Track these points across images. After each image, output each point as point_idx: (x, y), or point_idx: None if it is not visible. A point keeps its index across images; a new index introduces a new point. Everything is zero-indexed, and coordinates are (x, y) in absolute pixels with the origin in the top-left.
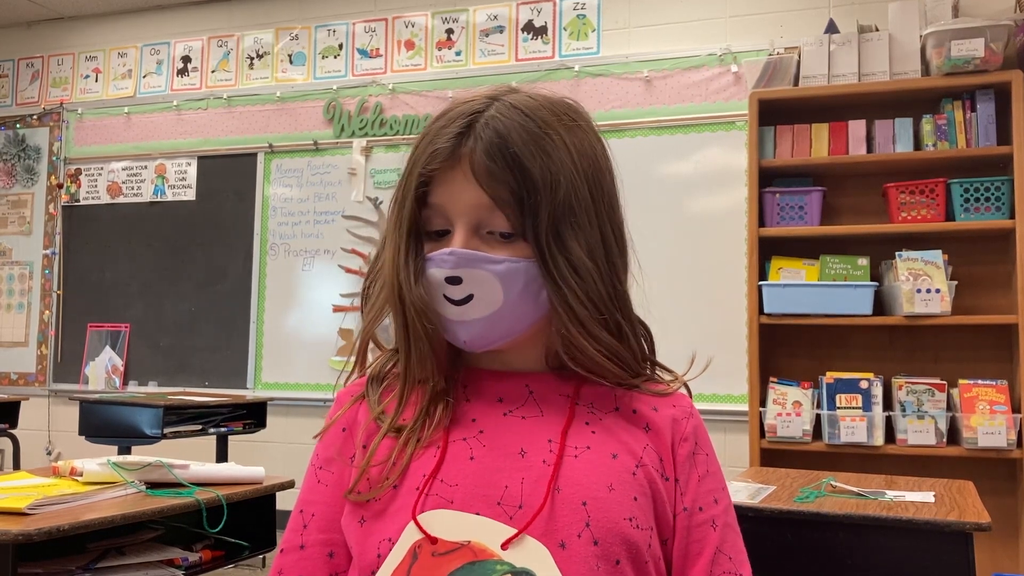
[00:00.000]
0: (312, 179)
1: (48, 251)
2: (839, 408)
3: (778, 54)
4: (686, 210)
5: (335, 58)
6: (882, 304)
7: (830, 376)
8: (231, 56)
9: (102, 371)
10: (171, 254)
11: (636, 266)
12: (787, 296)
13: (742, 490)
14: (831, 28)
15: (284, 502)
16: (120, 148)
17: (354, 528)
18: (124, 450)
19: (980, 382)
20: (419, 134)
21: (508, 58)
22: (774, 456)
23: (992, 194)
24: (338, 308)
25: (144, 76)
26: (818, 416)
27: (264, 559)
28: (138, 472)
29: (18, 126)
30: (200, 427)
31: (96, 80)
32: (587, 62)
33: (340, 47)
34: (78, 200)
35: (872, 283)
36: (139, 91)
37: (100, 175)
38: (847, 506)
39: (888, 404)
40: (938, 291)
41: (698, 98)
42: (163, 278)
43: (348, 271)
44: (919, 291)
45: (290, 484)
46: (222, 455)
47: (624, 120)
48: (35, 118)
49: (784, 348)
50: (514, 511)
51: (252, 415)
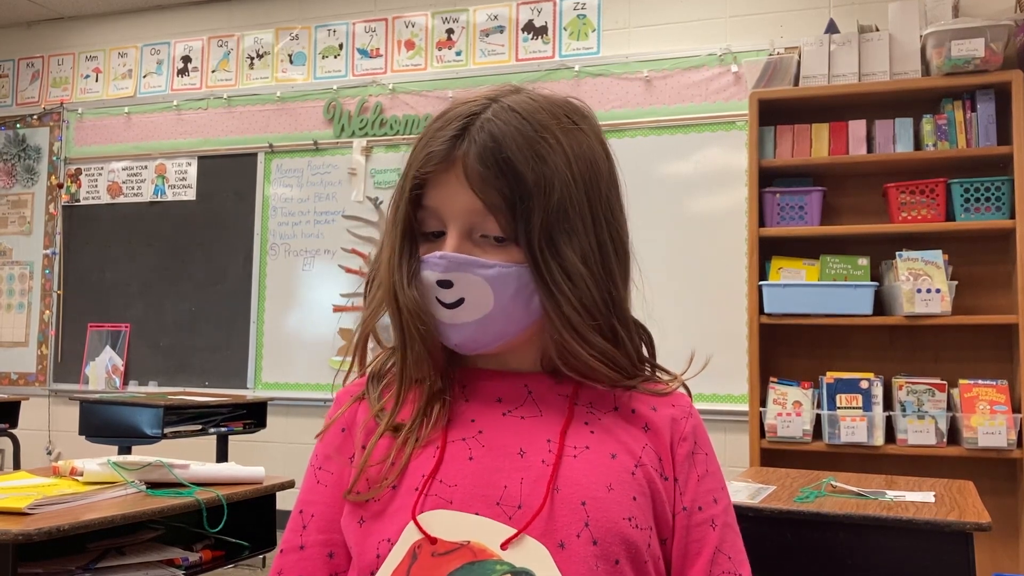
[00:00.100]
0: (312, 179)
1: (48, 251)
2: (839, 408)
3: (778, 54)
4: (686, 210)
5: (335, 58)
6: (882, 304)
7: (830, 376)
8: (231, 56)
9: (102, 371)
10: (171, 254)
11: (637, 270)
12: (787, 296)
13: (742, 490)
14: (831, 28)
15: (284, 502)
16: (120, 148)
17: (353, 528)
18: (124, 450)
19: (980, 382)
20: (418, 135)
21: (508, 58)
22: (774, 456)
23: (992, 194)
24: (338, 308)
25: (144, 76)
26: (818, 416)
27: (264, 559)
28: (138, 472)
29: (18, 126)
30: (200, 427)
31: (96, 80)
32: (587, 62)
33: (340, 47)
34: (78, 200)
35: (872, 283)
36: (139, 91)
37: (100, 175)
38: (847, 506)
39: (888, 404)
40: (938, 291)
41: (698, 98)
42: (163, 278)
43: (348, 271)
44: (919, 291)
45: (290, 484)
46: (222, 455)
47: (624, 120)
48: (35, 118)
49: (784, 348)
50: (513, 511)
51: (252, 415)
